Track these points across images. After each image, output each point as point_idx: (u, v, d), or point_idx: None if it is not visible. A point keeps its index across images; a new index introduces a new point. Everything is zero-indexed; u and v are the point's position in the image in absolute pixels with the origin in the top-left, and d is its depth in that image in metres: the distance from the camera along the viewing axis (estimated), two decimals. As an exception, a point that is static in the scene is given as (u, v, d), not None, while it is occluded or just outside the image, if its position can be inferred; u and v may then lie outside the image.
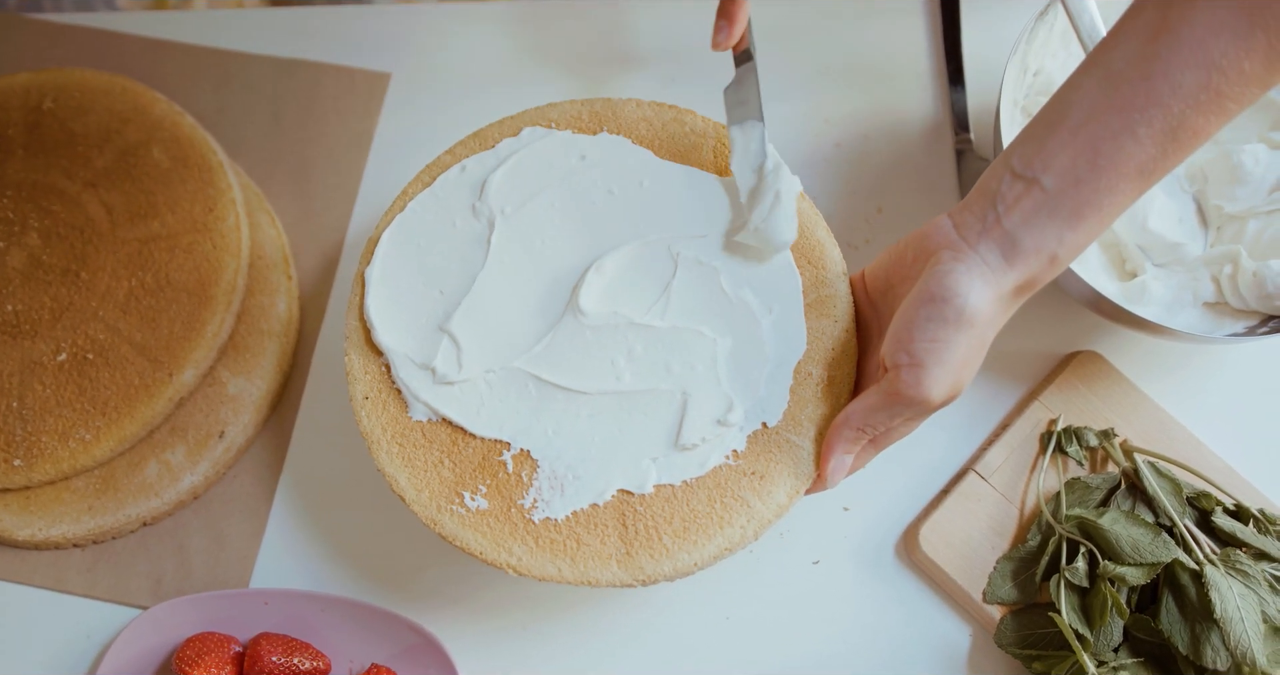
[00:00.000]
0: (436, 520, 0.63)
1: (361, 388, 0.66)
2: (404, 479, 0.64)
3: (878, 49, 0.88)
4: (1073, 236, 0.55)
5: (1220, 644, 0.65)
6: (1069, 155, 0.54)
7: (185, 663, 0.69)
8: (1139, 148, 0.53)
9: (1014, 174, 0.56)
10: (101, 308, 0.76)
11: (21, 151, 0.80)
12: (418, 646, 0.71)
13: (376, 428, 0.65)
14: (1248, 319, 0.73)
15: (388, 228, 0.69)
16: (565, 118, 0.72)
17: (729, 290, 0.66)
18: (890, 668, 0.73)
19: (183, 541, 0.76)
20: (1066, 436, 0.74)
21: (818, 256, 0.67)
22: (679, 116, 0.71)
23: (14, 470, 0.73)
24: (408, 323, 0.67)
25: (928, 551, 0.72)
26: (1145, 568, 0.67)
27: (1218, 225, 0.77)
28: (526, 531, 0.62)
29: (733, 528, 0.62)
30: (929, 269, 0.58)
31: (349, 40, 0.89)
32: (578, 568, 0.61)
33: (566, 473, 0.63)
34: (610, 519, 0.62)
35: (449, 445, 0.64)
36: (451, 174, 0.70)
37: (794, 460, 0.63)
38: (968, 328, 0.56)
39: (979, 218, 0.57)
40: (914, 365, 0.57)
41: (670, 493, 0.62)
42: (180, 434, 0.76)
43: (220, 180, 0.79)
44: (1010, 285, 0.57)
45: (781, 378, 0.64)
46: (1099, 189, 0.54)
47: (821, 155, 0.85)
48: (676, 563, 0.61)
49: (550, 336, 0.65)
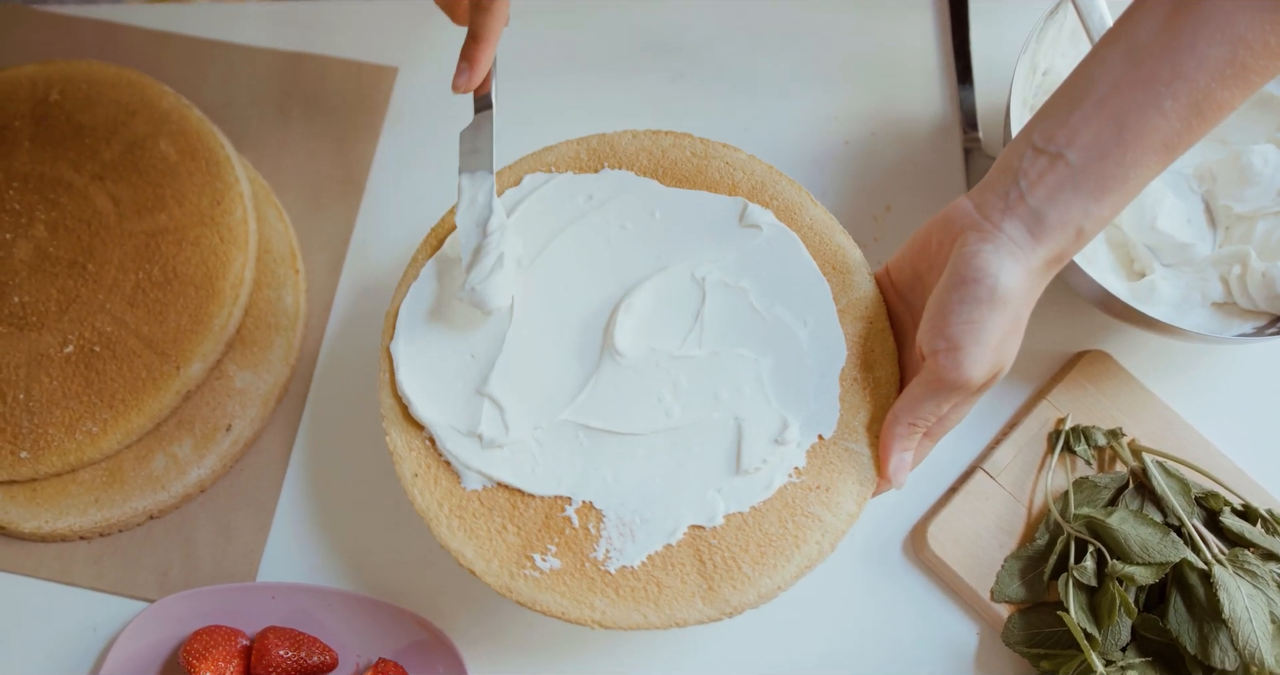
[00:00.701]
0: (511, 588, 0.61)
1: (409, 466, 0.64)
2: (470, 552, 0.62)
3: (886, 47, 0.88)
4: (1098, 210, 0.55)
5: (1228, 644, 0.65)
6: (1094, 129, 0.55)
7: (193, 656, 0.69)
8: (1164, 121, 0.53)
9: (1036, 149, 0.56)
10: (109, 300, 0.76)
11: (28, 143, 0.80)
12: (425, 642, 0.71)
13: (432, 504, 0.63)
14: (1256, 319, 0.74)
15: (404, 299, 0.67)
16: (563, 160, 0.71)
17: (761, 308, 0.65)
18: (897, 666, 0.73)
19: (189, 535, 0.76)
20: (1075, 436, 0.74)
21: (841, 261, 0.67)
22: (677, 141, 0.70)
23: (21, 462, 0.73)
24: (444, 392, 0.65)
25: (936, 550, 0.72)
26: (1154, 567, 0.67)
27: (1226, 225, 0.77)
28: (605, 583, 0.61)
29: (809, 544, 0.61)
30: (956, 252, 0.58)
31: (356, 34, 0.89)
32: (663, 612, 0.60)
33: (634, 518, 0.62)
34: (686, 557, 0.61)
35: (509, 510, 0.63)
36: None
37: (856, 467, 0.63)
38: (1001, 306, 0.56)
39: (1001, 196, 0.57)
40: (951, 349, 0.57)
41: (741, 520, 0.62)
42: (187, 427, 0.76)
43: (228, 173, 0.79)
44: (1040, 261, 0.57)
45: (829, 387, 0.64)
46: (1124, 163, 0.54)
47: (829, 153, 0.85)
48: (760, 589, 0.60)
49: (592, 383, 0.64)
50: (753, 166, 0.69)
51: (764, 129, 0.86)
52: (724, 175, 0.69)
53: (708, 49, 0.88)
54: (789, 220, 0.68)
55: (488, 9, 0.67)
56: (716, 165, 0.69)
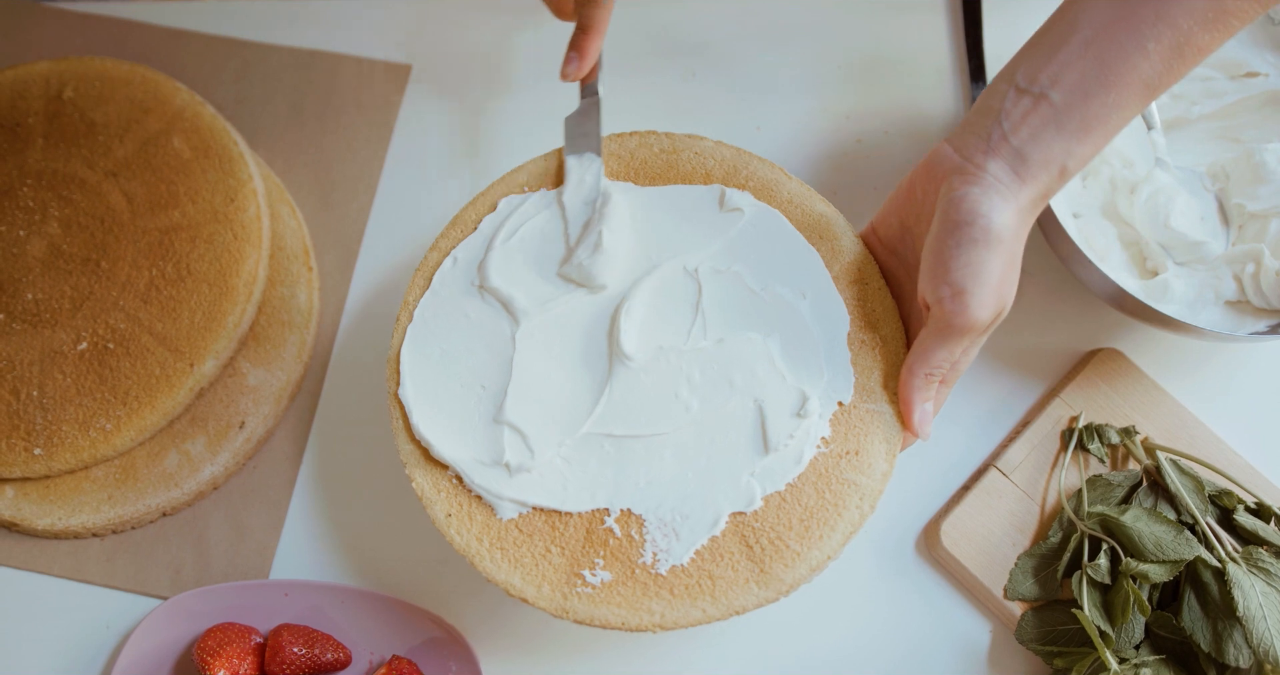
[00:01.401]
0: (566, 609, 0.61)
1: (441, 507, 0.64)
2: (518, 581, 0.62)
3: (900, 45, 0.88)
4: (1080, 149, 0.57)
5: (1242, 641, 0.65)
6: (1078, 70, 0.56)
7: (206, 653, 0.69)
8: (1147, 63, 0.55)
9: (1019, 90, 0.57)
10: (122, 297, 0.76)
11: (42, 141, 0.80)
12: (439, 639, 0.71)
13: (471, 541, 0.63)
14: (1270, 318, 0.74)
15: (404, 343, 0.67)
16: (535, 178, 0.71)
17: (758, 289, 0.66)
18: (910, 664, 0.73)
19: (202, 532, 0.76)
20: (1088, 434, 0.74)
21: (825, 228, 0.68)
22: (643, 140, 0.71)
23: (34, 459, 0.73)
24: (461, 428, 0.65)
25: (949, 547, 0.72)
26: (1167, 565, 0.67)
27: (1239, 224, 0.77)
28: (659, 586, 0.61)
29: (849, 510, 0.62)
30: (943, 197, 0.58)
31: (369, 31, 0.89)
32: (720, 603, 0.61)
33: (674, 516, 0.62)
34: (733, 545, 0.61)
35: (549, 532, 0.63)
36: (445, 269, 0.69)
37: (881, 426, 0.63)
38: (997, 245, 0.57)
39: (983, 137, 0.58)
40: (956, 294, 0.57)
41: (779, 499, 0.62)
42: (200, 424, 0.76)
43: (241, 171, 0.79)
44: (1026, 200, 0.58)
45: (839, 355, 0.64)
46: (1107, 103, 0.55)
47: (842, 150, 0.85)
48: (810, 562, 0.61)
49: (607, 392, 0.64)
50: (721, 152, 0.70)
51: (776, 127, 0.86)
52: (695, 165, 0.70)
53: (720, 48, 0.88)
54: (768, 198, 0.69)
55: (598, 1, 0.71)
56: (686, 157, 0.70)
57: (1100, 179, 0.78)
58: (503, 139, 0.85)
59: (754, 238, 0.67)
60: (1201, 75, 0.79)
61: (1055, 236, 0.73)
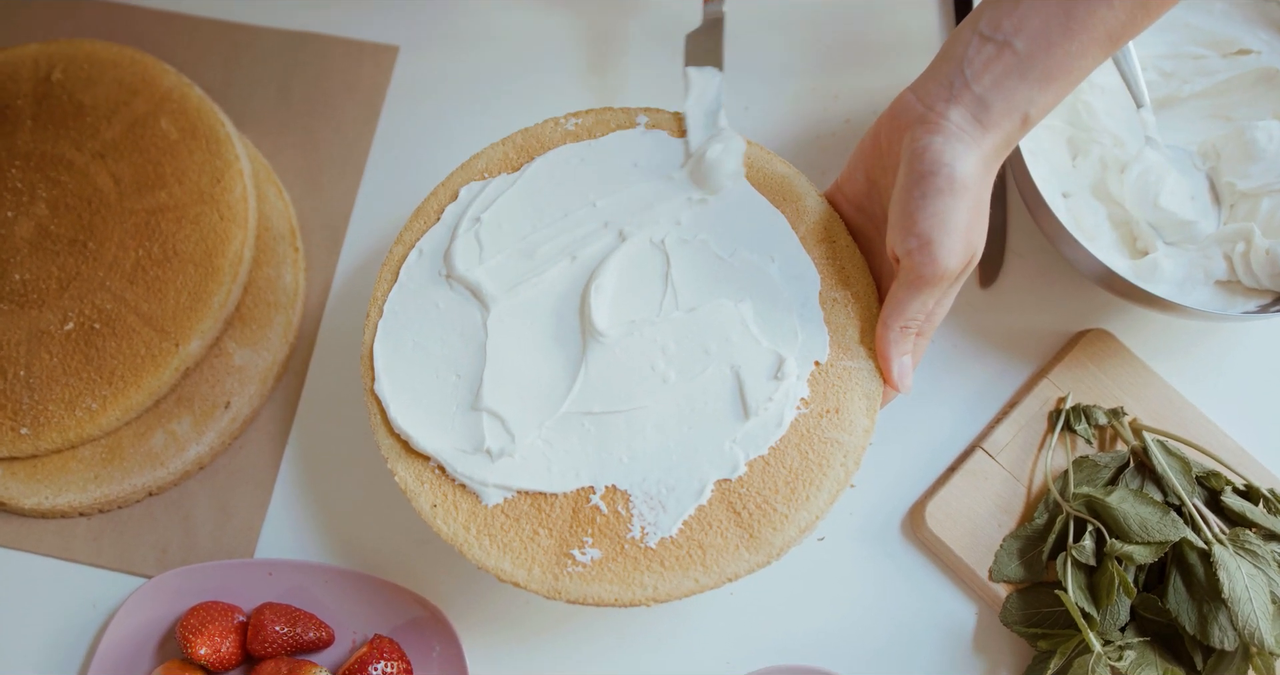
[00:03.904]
0: (558, 589, 0.61)
1: (425, 498, 0.64)
2: (508, 565, 0.62)
3: (888, 25, 0.87)
4: (1042, 98, 0.57)
5: (1228, 624, 0.65)
6: (1042, 18, 0.55)
7: (189, 631, 0.69)
8: (1110, 13, 0.55)
9: (982, 37, 0.57)
10: (109, 278, 0.76)
11: (30, 122, 0.80)
12: (421, 619, 0.71)
13: (459, 529, 0.63)
14: (1260, 297, 0.73)
15: (376, 338, 0.67)
16: (494, 164, 0.71)
17: (725, 255, 0.66)
18: (895, 645, 0.72)
19: (188, 511, 0.76)
20: (1075, 415, 0.74)
21: (788, 189, 0.68)
22: (600, 117, 0.71)
23: (21, 439, 0.73)
24: (439, 419, 0.65)
25: (934, 529, 0.72)
26: (1153, 547, 0.66)
27: (1230, 203, 0.76)
28: (650, 559, 0.61)
29: (834, 468, 0.62)
30: (906, 148, 0.58)
31: (357, 13, 0.89)
32: (712, 571, 0.61)
33: (659, 489, 0.62)
34: (720, 512, 0.61)
35: (536, 514, 0.63)
36: (411, 261, 0.69)
37: (860, 382, 0.63)
38: (963, 192, 0.57)
39: (945, 85, 0.58)
40: (924, 245, 0.57)
41: (763, 463, 0.62)
42: (186, 404, 0.76)
43: (228, 152, 0.79)
44: (989, 147, 0.58)
45: (812, 315, 0.64)
46: (1070, 52, 0.56)
47: (830, 130, 0.84)
48: (799, 523, 0.61)
49: (583, 371, 0.64)
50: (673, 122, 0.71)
51: (765, 107, 0.85)
52: (652, 114, 0.71)
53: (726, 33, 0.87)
54: None
55: None
56: (635, 113, 0.71)
57: (1090, 158, 0.77)
58: (486, 121, 0.85)
59: (718, 205, 0.67)
60: (1193, 53, 0.78)
61: (1043, 217, 0.72)
